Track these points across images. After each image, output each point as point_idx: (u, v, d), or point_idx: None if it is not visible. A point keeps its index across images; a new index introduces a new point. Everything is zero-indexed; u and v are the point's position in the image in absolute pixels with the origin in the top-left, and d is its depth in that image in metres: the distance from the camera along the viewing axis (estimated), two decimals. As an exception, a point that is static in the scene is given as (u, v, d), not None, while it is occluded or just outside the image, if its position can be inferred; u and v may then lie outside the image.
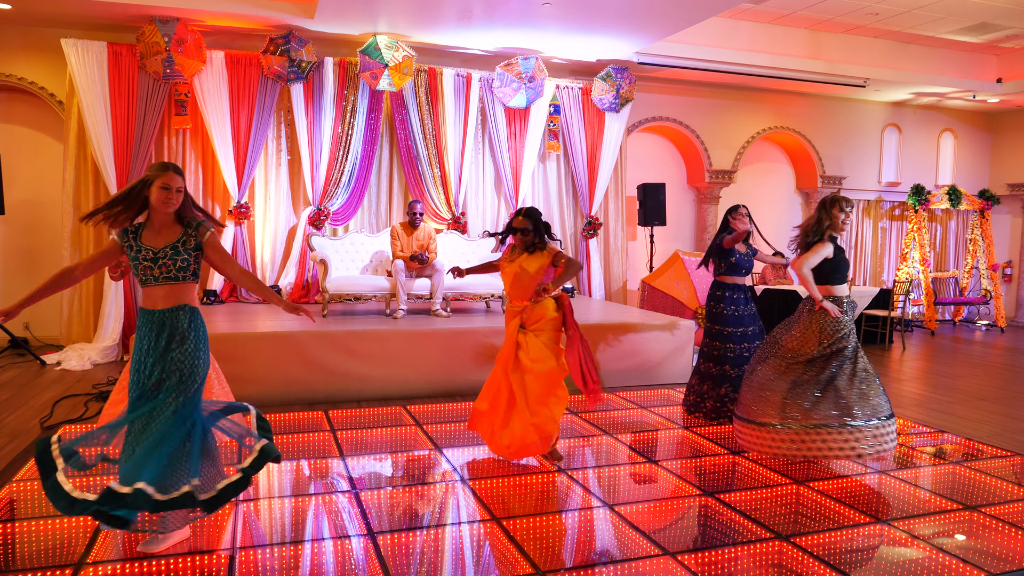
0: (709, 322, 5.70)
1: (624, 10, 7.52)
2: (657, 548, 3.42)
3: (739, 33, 9.77)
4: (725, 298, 5.60)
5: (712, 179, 11.02)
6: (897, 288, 10.03)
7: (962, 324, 12.56)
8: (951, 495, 4.20)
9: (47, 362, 7.38)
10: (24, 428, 5.19)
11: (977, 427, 5.72)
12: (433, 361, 6.41)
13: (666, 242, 11.03)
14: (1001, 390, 7.18)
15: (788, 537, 3.57)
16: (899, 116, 12.28)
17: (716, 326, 5.63)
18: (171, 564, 3.17)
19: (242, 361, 5.82)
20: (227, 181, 8.30)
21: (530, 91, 9.14)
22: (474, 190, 9.43)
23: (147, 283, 3.25)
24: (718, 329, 5.61)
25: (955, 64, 11.03)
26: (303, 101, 8.50)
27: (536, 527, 3.66)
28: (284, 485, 4.23)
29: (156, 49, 7.70)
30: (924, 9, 9.14)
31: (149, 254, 3.23)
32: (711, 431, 5.40)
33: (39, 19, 7.86)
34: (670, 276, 9.10)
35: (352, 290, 7.36)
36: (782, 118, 11.41)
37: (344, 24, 8.07)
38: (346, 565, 3.25)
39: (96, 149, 7.77)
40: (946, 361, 8.87)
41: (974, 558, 3.40)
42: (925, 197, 11.43)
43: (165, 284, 3.26)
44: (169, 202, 3.24)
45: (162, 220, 3.29)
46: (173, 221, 3.32)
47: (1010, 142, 12.76)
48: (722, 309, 5.60)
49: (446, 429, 5.34)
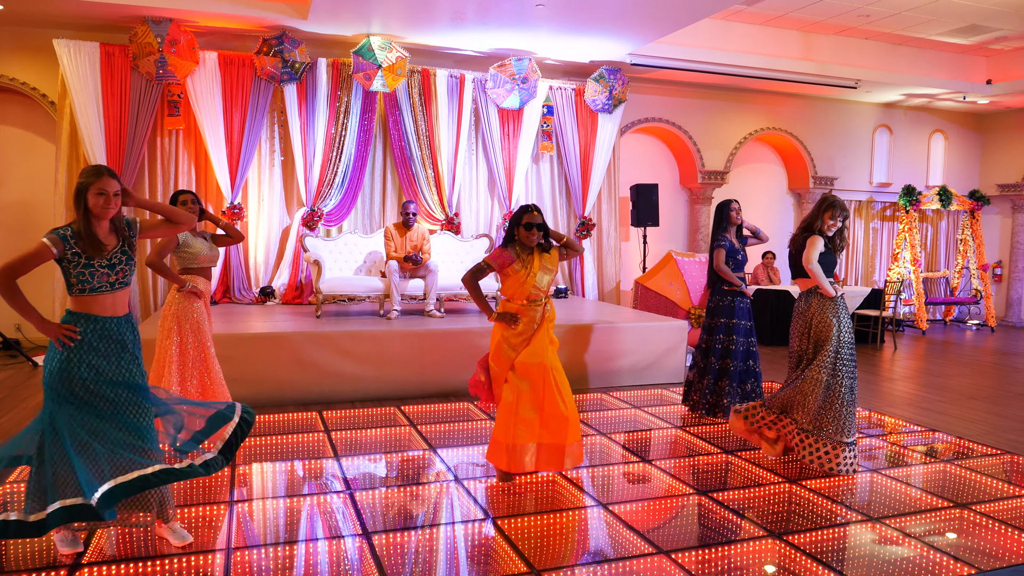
0: (709, 317, 5.73)
1: (617, 11, 7.55)
2: (651, 547, 3.44)
3: (731, 34, 9.81)
4: (727, 292, 5.64)
5: (705, 180, 11.06)
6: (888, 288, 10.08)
7: (953, 324, 12.63)
8: (942, 493, 4.23)
9: (39, 363, 7.35)
10: (17, 430, 5.16)
11: (968, 426, 5.76)
12: (427, 362, 6.42)
13: (659, 242, 11.06)
14: (991, 389, 7.24)
15: (781, 535, 3.60)
16: (890, 117, 12.35)
17: (720, 319, 5.66)
18: (166, 565, 3.17)
19: (236, 362, 5.81)
20: (220, 182, 8.29)
21: (523, 92, 9.16)
22: (468, 191, 9.44)
23: (100, 290, 3.12)
24: (722, 322, 5.65)
25: (945, 66, 11.11)
26: (296, 102, 8.49)
27: (531, 526, 3.68)
28: (279, 486, 4.23)
29: (149, 50, 7.69)
30: (915, 11, 9.20)
31: (104, 261, 3.12)
32: (704, 430, 5.43)
33: (31, 19, 7.84)
34: (663, 276, 9.13)
35: (346, 291, 7.36)
36: (774, 119, 11.46)
37: (337, 25, 8.07)
38: (341, 565, 3.26)
39: (88, 150, 7.76)
40: (937, 360, 8.93)
41: (965, 555, 3.43)
42: (916, 198, 11.49)
43: (119, 290, 3.20)
44: (108, 208, 3.11)
45: (105, 226, 3.17)
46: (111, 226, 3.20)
47: (1000, 143, 12.85)
48: (721, 302, 5.65)
49: (440, 429, 5.35)
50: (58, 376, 3.07)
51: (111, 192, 3.11)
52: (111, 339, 3.15)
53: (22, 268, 3.06)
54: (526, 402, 4.14)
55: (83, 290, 3.11)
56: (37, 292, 8.34)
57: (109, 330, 3.15)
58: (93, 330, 3.11)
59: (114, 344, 3.16)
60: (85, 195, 3.09)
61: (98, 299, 3.13)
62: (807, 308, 4.59)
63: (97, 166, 3.18)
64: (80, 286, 3.10)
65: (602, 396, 6.52)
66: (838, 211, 4.55)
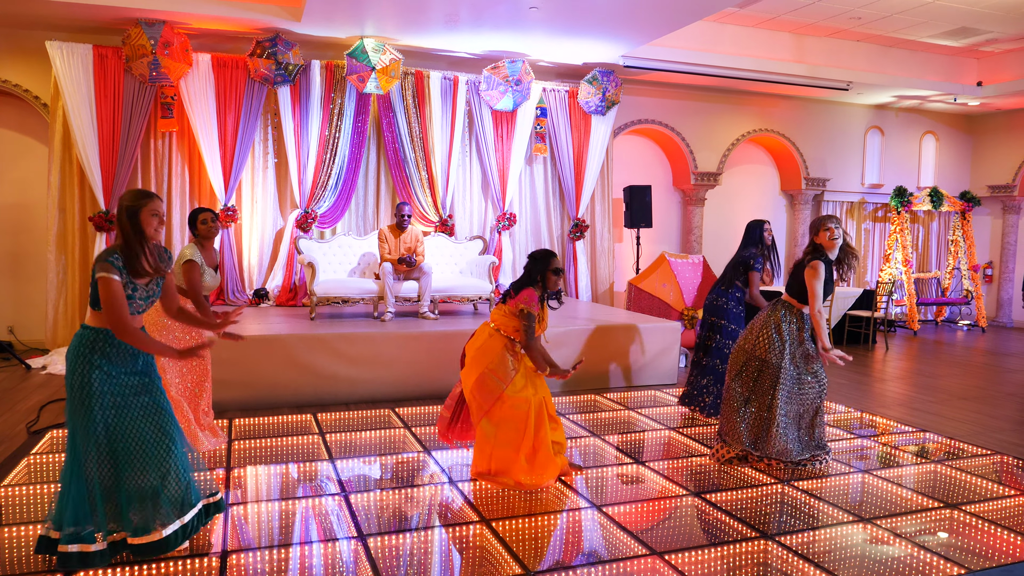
0: (711, 315, 5.76)
1: (610, 14, 7.57)
2: (644, 548, 3.46)
3: (724, 37, 9.85)
4: (733, 296, 5.67)
5: (698, 181, 11.10)
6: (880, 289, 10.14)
7: (944, 324, 12.71)
8: (933, 494, 4.27)
9: (32, 366, 7.33)
10: (11, 433, 5.16)
11: (958, 426, 5.81)
12: (421, 363, 6.43)
13: (652, 244, 11.10)
14: (982, 390, 7.29)
15: (773, 536, 3.62)
16: (881, 119, 12.42)
17: (722, 320, 5.69)
18: (161, 569, 3.18)
19: (230, 364, 5.81)
20: (214, 184, 8.28)
21: (517, 94, 9.18)
22: (461, 193, 9.45)
23: (130, 311, 3.13)
24: (723, 324, 5.68)
25: (936, 68, 11.18)
26: (290, 104, 8.49)
27: (524, 528, 3.69)
28: (273, 488, 4.24)
29: (142, 52, 7.68)
30: (906, 13, 9.25)
31: (144, 283, 3.16)
32: (697, 431, 5.46)
33: (23, 21, 7.82)
34: (656, 278, 9.16)
35: (340, 293, 7.37)
36: (767, 121, 11.51)
37: (331, 27, 8.08)
38: (336, 568, 3.27)
39: (81, 152, 7.74)
40: (928, 361, 8.98)
41: (955, 555, 3.47)
42: (907, 199, 11.56)
43: (143, 313, 3.24)
44: (160, 229, 3.18)
45: (151, 248, 3.18)
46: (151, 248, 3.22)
47: (990, 144, 12.93)
48: (729, 305, 5.67)
49: (435, 432, 5.35)
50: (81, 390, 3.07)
51: (162, 214, 3.17)
52: (127, 351, 3.16)
53: (121, 309, 3.05)
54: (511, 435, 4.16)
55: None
56: (30, 290, 8.36)
57: (127, 346, 3.15)
58: (111, 344, 3.12)
59: (129, 355, 3.18)
60: (138, 216, 3.10)
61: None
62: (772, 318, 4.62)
63: (143, 189, 3.23)
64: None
65: (595, 397, 6.54)
66: (831, 221, 4.52)
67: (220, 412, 5.66)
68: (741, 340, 4.71)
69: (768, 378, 4.52)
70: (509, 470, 4.14)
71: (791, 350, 4.54)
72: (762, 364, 4.55)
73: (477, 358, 4.20)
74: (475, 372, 4.18)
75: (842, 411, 6.19)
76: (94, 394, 3.05)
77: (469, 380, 4.20)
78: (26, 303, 8.45)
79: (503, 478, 4.16)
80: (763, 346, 4.55)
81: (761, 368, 4.55)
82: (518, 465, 4.13)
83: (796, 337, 4.57)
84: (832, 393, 6.79)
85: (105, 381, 3.08)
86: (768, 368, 4.52)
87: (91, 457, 3.06)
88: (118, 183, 7.92)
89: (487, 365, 4.15)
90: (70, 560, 3.05)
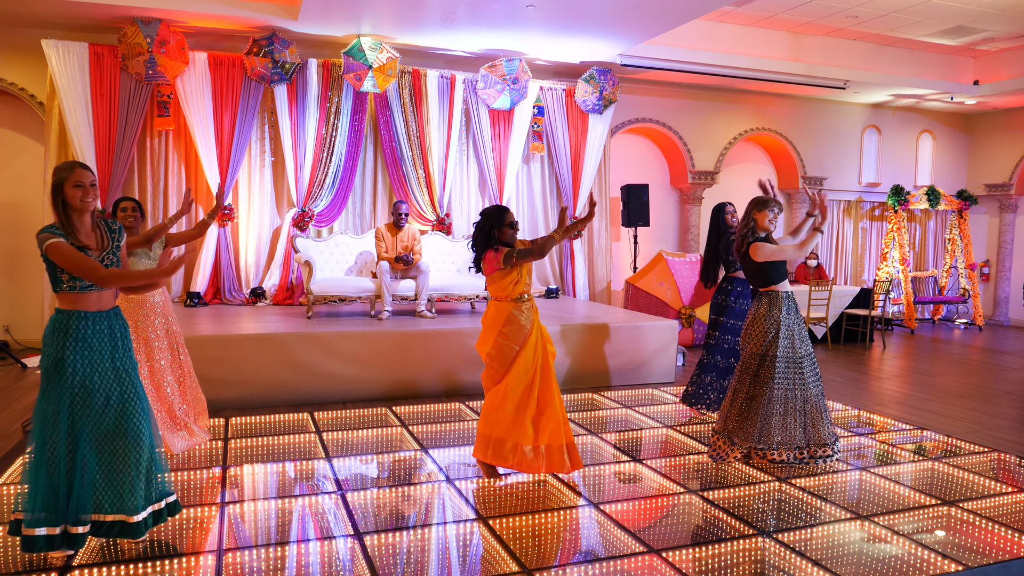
0: (714, 313, 5.75)
1: (607, 12, 7.57)
2: (642, 546, 3.45)
3: (721, 35, 9.85)
4: (734, 291, 5.67)
5: (695, 180, 11.10)
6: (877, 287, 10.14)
7: (941, 323, 12.72)
8: (930, 491, 4.27)
9: (28, 365, 7.31)
10: (6, 432, 5.14)
11: (956, 424, 5.81)
12: (418, 362, 6.42)
13: (650, 243, 11.10)
14: (979, 388, 7.29)
15: (771, 533, 3.62)
16: (878, 117, 12.43)
17: (721, 317, 5.69)
18: (157, 567, 3.17)
19: (226, 363, 5.80)
20: (210, 183, 8.26)
21: (514, 92, 9.17)
22: (458, 191, 9.44)
23: (89, 288, 3.12)
24: (722, 320, 5.68)
25: (933, 66, 11.19)
26: (287, 102, 8.48)
27: (522, 526, 3.69)
28: (270, 487, 4.23)
29: (138, 50, 7.66)
30: (903, 12, 9.26)
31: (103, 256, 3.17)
32: (695, 430, 5.45)
33: (19, 20, 7.79)
34: (654, 276, 9.17)
35: (337, 292, 7.36)
36: (764, 119, 11.52)
37: (328, 25, 8.06)
38: (332, 566, 3.26)
39: (77, 150, 7.71)
40: (925, 359, 8.99)
41: (952, 552, 3.46)
42: (904, 197, 11.57)
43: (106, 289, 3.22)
44: (87, 199, 3.12)
45: (87, 221, 3.18)
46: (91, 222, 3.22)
47: (987, 143, 12.95)
48: (728, 301, 5.67)
49: (431, 430, 5.35)
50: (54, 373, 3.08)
51: (87, 183, 3.12)
52: (103, 333, 3.17)
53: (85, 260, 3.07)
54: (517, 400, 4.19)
55: (72, 287, 3.11)
56: (25, 290, 8.33)
57: (100, 325, 3.17)
58: (85, 326, 3.12)
59: (106, 338, 3.18)
60: (63, 191, 3.10)
61: (86, 296, 3.14)
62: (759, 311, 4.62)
63: (69, 161, 3.20)
64: (71, 283, 3.10)
65: (593, 396, 6.54)
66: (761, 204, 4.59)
67: (216, 411, 5.64)
68: (742, 343, 4.69)
69: (767, 370, 4.52)
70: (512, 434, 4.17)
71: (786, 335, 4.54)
72: (761, 359, 4.55)
73: (490, 326, 4.31)
74: (491, 338, 4.27)
75: (840, 409, 6.19)
76: (66, 373, 3.07)
77: (486, 347, 4.30)
78: (22, 302, 8.42)
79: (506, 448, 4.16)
80: (756, 341, 4.55)
81: (760, 363, 4.55)
82: (523, 429, 4.15)
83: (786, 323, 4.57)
84: (830, 391, 6.79)
85: (79, 361, 3.09)
86: (766, 361, 4.53)
87: (56, 440, 3.07)
88: (114, 182, 7.90)
89: (499, 328, 4.23)
90: (36, 543, 3.07)
